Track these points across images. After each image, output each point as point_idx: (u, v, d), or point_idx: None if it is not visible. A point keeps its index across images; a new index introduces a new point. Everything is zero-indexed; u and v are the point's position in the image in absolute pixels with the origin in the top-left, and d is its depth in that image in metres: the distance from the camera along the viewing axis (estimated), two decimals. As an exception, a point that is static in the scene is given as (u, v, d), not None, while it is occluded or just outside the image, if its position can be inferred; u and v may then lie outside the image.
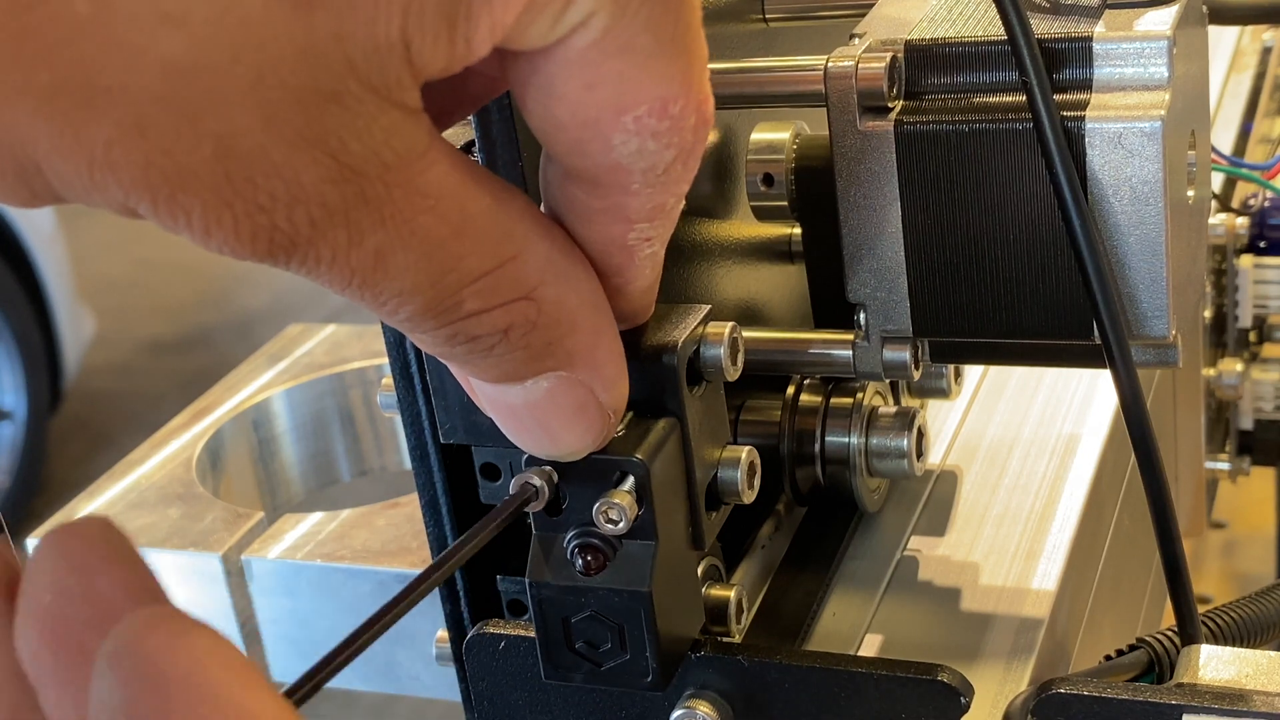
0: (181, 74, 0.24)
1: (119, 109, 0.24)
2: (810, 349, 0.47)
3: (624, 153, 0.30)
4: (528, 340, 0.31)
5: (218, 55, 0.24)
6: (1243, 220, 0.76)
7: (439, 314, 0.30)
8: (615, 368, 0.33)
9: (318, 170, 0.26)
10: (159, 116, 0.24)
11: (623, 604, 0.37)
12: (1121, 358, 0.41)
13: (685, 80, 0.30)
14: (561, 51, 0.28)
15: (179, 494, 0.69)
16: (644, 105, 0.29)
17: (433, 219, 0.28)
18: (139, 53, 0.24)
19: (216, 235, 0.26)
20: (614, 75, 0.29)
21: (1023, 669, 0.46)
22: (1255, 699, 0.37)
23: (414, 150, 0.27)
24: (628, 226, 0.32)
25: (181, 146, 0.25)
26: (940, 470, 0.56)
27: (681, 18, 0.29)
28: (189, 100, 0.24)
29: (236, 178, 0.25)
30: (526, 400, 0.33)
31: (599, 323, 0.33)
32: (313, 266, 0.27)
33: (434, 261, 0.29)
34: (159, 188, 0.25)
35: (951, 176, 0.42)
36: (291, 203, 0.26)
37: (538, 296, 0.31)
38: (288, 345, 0.82)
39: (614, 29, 0.28)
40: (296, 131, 0.25)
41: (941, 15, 0.44)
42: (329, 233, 0.27)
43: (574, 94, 0.29)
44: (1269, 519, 1.75)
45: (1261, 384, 0.82)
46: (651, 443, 0.36)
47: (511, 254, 0.30)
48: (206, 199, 0.25)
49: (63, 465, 2.88)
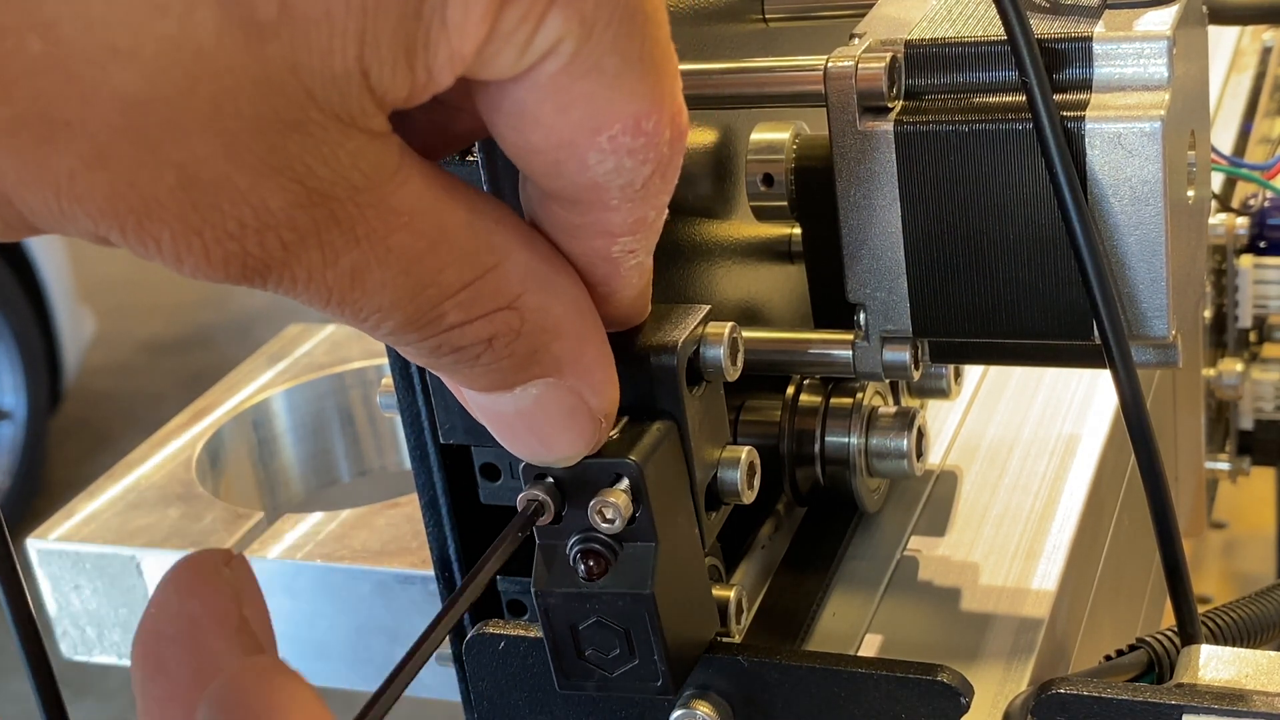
0: (138, 106, 0.25)
1: (79, 141, 0.25)
2: (810, 349, 0.47)
3: (600, 171, 0.30)
4: (513, 349, 0.31)
5: (172, 87, 0.25)
6: (1243, 220, 0.76)
7: (421, 327, 0.30)
8: (604, 372, 0.34)
9: (285, 195, 0.26)
10: (119, 147, 0.25)
11: (626, 607, 0.37)
12: (1121, 358, 0.41)
13: (656, 96, 0.30)
14: (530, 78, 0.28)
15: (179, 494, 0.69)
16: (617, 124, 0.29)
17: (408, 235, 0.28)
18: (94, 86, 0.24)
19: (188, 261, 0.26)
20: (584, 97, 0.29)
21: (1023, 669, 0.46)
22: (1255, 699, 0.37)
23: (383, 171, 0.28)
24: (610, 240, 0.32)
25: (144, 176, 0.25)
26: (940, 470, 0.56)
27: (649, 35, 0.29)
28: (147, 131, 0.25)
29: (202, 205, 0.26)
30: (517, 408, 0.33)
31: (585, 329, 0.33)
32: (289, 287, 0.27)
33: (412, 276, 0.29)
34: (126, 217, 0.25)
35: (951, 177, 0.42)
36: (261, 228, 0.26)
37: (520, 305, 0.31)
38: (288, 345, 0.82)
39: (581, 52, 0.28)
40: (260, 159, 0.26)
41: (941, 15, 0.44)
42: (302, 255, 0.27)
43: (546, 118, 0.29)
44: (1269, 519, 1.75)
45: (1261, 384, 0.82)
46: (646, 445, 0.36)
47: (492, 264, 0.30)
48: (174, 227, 0.26)
49: (63, 465, 2.89)
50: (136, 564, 0.65)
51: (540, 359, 0.32)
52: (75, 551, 0.66)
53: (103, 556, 0.66)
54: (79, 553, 0.66)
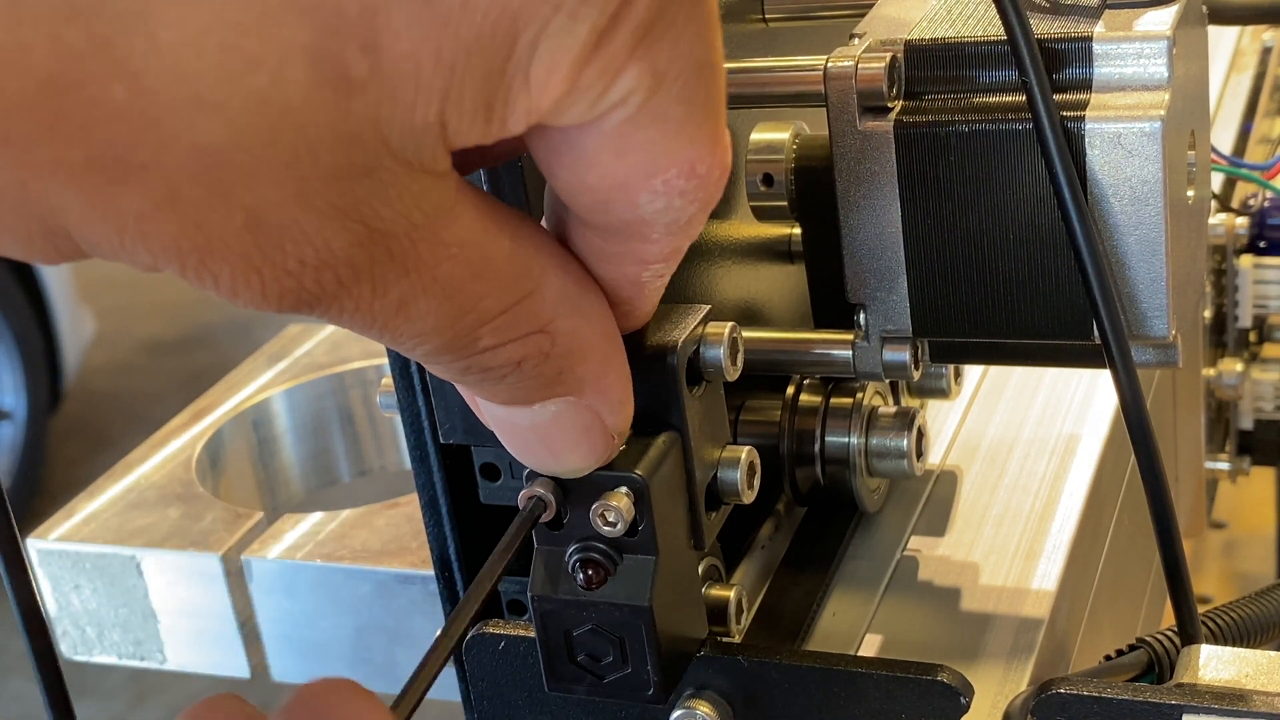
0: (216, 154, 0.25)
1: (151, 184, 0.24)
2: (810, 349, 0.47)
3: (649, 210, 0.30)
4: (540, 370, 0.31)
5: (254, 139, 0.25)
6: (1243, 220, 0.76)
7: (456, 350, 0.30)
8: (622, 391, 0.34)
9: (348, 236, 0.26)
10: (191, 191, 0.25)
11: (623, 618, 0.37)
12: (1121, 358, 0.41)
13: (712, 141, 0.30)
14: (595, 126, 0.28)
15: (179, 494, 0.69)
16: (673, 169, 0.29)
17: (454, 265, 0.28)
18: (174, 134, 0.24)
19: (244, 294, 0.26)
20: (645, 144, 0.29)
21: (1023, 669, 0.46)
22: (1255, 699, 0.37)
23: (441, 207, 0.28)
24: (643, 268, 0.32)
25: (213, 219, 0.25)
26: (940, 470, 0.56)
27: (714, 84, 0.29)
28: (222, 177, 0.25)
29: (266, 246, 0.26)
30: (533, 422, 0.33)
31: (609, 350, 0.33)
32: (335, 316, 0.28)
33: (454, 304, 0.29)
34: (188, 255, 0.25)
35: (951, 176, 0.42)
36: (320, 266, 0.26)
37: (552, 329, 0.31)
38: (288, 345, 0.82)
39: (649, 103, 0.28)
40: (328, 203, 0.26)
41: (941, 15, 0.44)
42: (354, 289, 0.27)
43: (605, 162, 0.29)
44: (1269, 519, 1.75)
45: (1261, 384, 0.82)
46: (652, 458, 0.36)
47: (529, 290, 0.30)
48: (235, 264, 0.26)
49: (62, 465, 2.88)
50: (136, 564, 0.65)
51: (565, 379, 0.32)
52: (75, 551, 0.66)
53: (103, 556, 0.66)
54: (79, 553, 0.66)
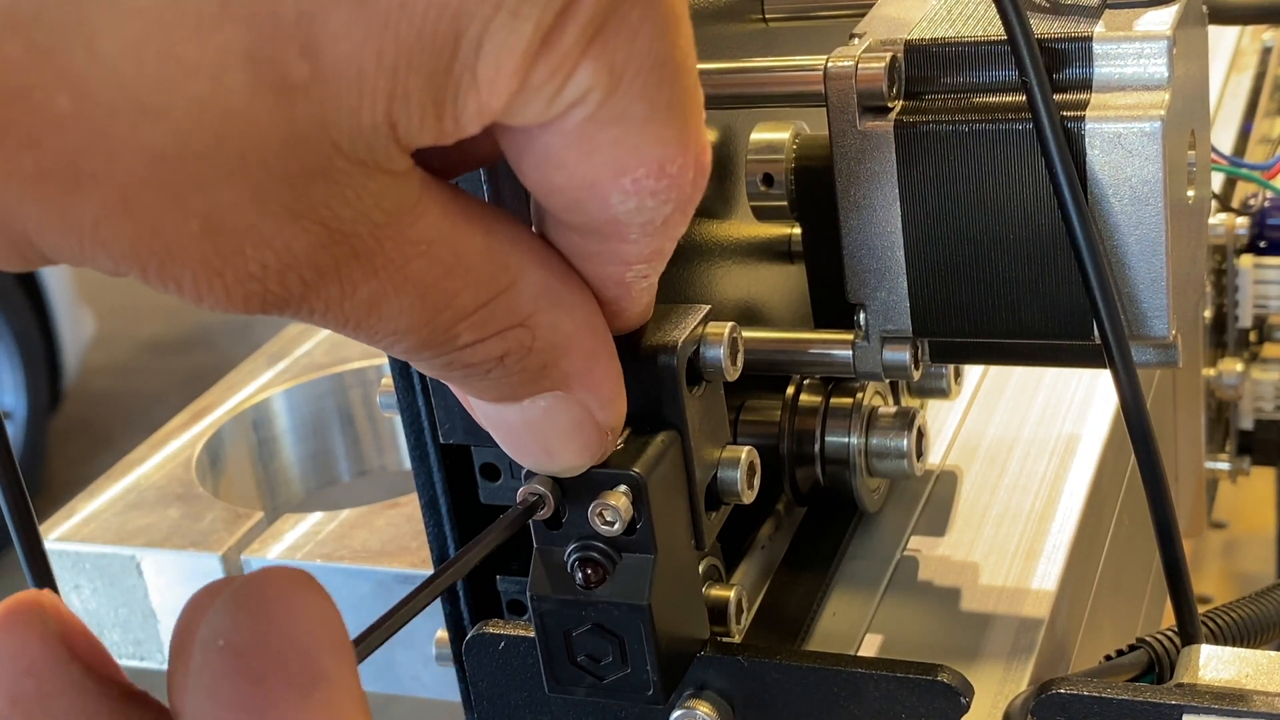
0: (165, 160, 0.25)
1: (104, 191, 0.25)
2: (810, 349, 0.47)
3: (621, 210, 0.30)
4: (524, 364, 0.31)
5: (200, 143, 0.25)
6: (1243, 220, 0.76)
7: (434, 346, 0.30)
8: (612, 387, 0.34)
9: (308, 238, 0.26)
10: (144, 197, 0.25)
11: (622, 617, 0.37)
12: (1121, 358, 0.41)
13: (682, 140, 0.30)
14: (556, 125, 0.28)
15: (178, 494, 0.69)
16: (642, 168, 0.29)
17: (425, 263, 0.28)
18: (121, 141, 0.24)
19: (208, 299, 0.26)
20: (610, 143, 0.29)
21: (1023, 669, 0.46)
22: (1255, 699, 0.37)
23: (404, 205, 0.28)
24: (625, 268, 0.32)
25: (169, 224, 0.25)
26: (940, 470, 0.56)
27: (677, 82, 0.29)
28: (174, 183, 0.25)
29: (225, 250, 0.26)
30: (524, 419, 0.33)
31: (595, 344, 0.33)
32: (306, 316, 0.28)
33: (428, 301, 0.29)
34: (148, 260, 0.25)
35: (951, 176, 0.42)
36: (283, 269, 0.26)
37: (533, 323, 0.31)
38: (287, 345, 0.82)
39: (608, 102, 0.28)
40: (284, 206, 0.26)
41: (941, 15, 0.44)
42: (321, 290, 0.27)
43: (571, 162, 0.29)
44: (1269, 519, 1.75)
45: (1261, 384, 0.82)
46: (650, 456, 0.36)
47: (506, 285, 0.30)
48: (195, 269, 0.26)
49: (63, 465, 2.88)
50: (136, 564, 0.65)
51: (550, 374, 0.32)
52: (75, 551, 0.66)
53: (103, 556, 0.66)
54: (79, 553, 0.66)
